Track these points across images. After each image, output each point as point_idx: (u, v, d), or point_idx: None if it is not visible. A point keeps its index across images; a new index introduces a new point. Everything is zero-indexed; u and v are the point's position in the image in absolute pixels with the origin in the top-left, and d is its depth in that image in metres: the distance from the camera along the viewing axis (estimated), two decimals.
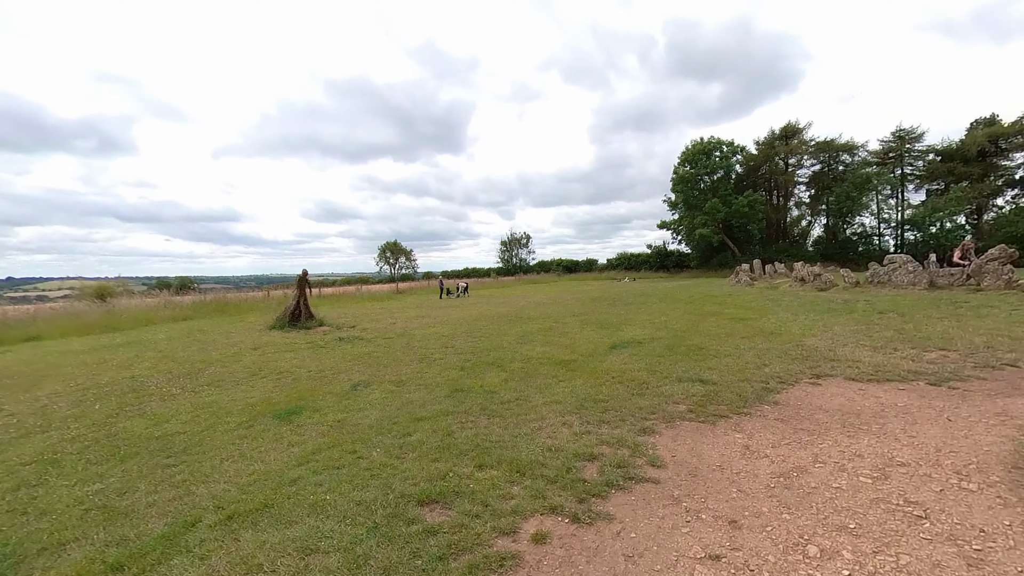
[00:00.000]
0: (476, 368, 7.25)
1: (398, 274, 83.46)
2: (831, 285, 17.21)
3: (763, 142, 48.63)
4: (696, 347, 7.71)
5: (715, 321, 10.85)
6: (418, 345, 9.91)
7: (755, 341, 7.96)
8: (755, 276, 26.94)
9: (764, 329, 9.18)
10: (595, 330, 10.67)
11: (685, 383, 5.47)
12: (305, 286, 15.31)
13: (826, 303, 12.79)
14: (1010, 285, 12.31)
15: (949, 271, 13.76)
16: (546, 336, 10.14)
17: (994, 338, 7.11)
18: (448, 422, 4.74)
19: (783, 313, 11.31)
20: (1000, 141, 40.04)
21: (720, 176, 46.28)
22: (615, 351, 7.93)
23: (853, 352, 6.68)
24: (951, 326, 8.32)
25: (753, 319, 10.74)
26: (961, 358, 6.04)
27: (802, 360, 6.36)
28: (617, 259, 63.44)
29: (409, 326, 13.59)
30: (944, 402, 4.50)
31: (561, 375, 6.38)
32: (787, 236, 49.68)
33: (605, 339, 9.28)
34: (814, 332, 8.49)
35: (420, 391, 6.09)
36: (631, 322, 11.66)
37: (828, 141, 45.80)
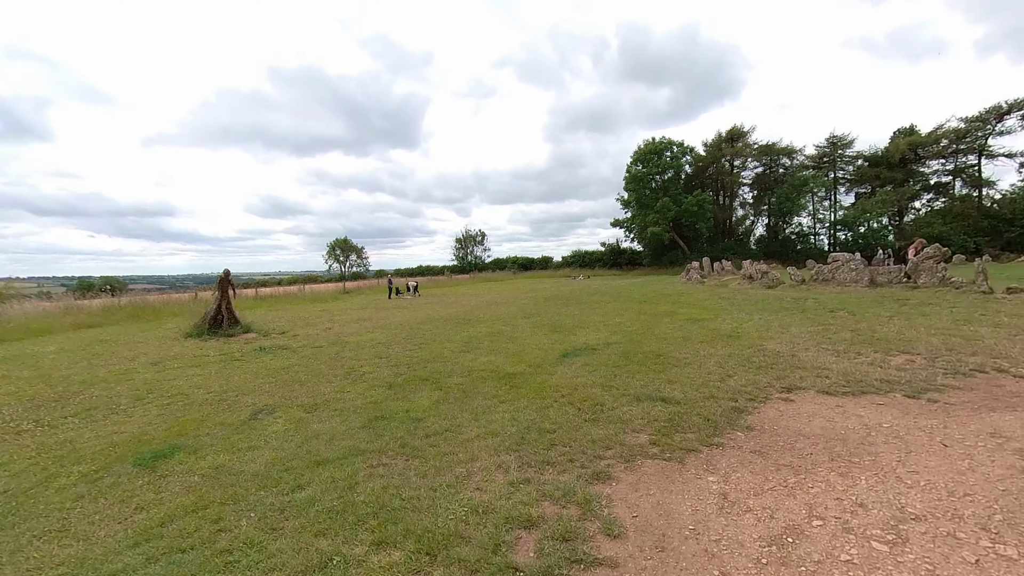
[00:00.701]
0: (407, 386, 6.20)
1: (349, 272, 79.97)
2: (778, 283, 17.44)
3: (711, 144, 50.15)
4: (654, 354, 7.03)
5: (671, 322, 10.34)
6: (348, 355, 8.70)
7: (715, 346, 7.40)
8: (705, 273, 27.34)
9: (721, 331, 8.70)
10: (547, 334, 9.86)
11: (645, 403, 4.70)
12: (228, 288, 13.52)
13: (777, 301, 12.70)
14: (944, 282, 12.71)
15: (888, 269, 14.12)
16: (493, 342, 9.21)
17: (949, 339, 6.91)
18: (355, 467, 3.70)
19: (738, 313, 11.00)
20: (919, 149, 43.30)
21: (671, 176, 47.21)
22: (567, 360, 7.11)
23: (817, 357, 6.21)
24: (903, 326, 8.16)
25: (709, 320, 10.32)
26: (927, 363, 5.67)
27: (767, 369, 5.78)
28: (572, 257, 63.72)
29: (346, 331, 12.25)
30: (930, 420, 3.96)
31: (504, 394, 5.45)
32: (733, 234, 51.60)
33: (557, 345, 8.47)
34: (772, 334, 8.08)
35: (333, 419, 4.99)
36: (585, 324, 10.95)
37: (770, 145, 47.87)
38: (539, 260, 68.94)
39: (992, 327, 7.76)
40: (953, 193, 43.71)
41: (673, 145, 46.38)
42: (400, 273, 79.01)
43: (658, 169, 46.12)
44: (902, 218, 44.54)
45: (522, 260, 69.08)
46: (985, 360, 5.64)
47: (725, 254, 40.07)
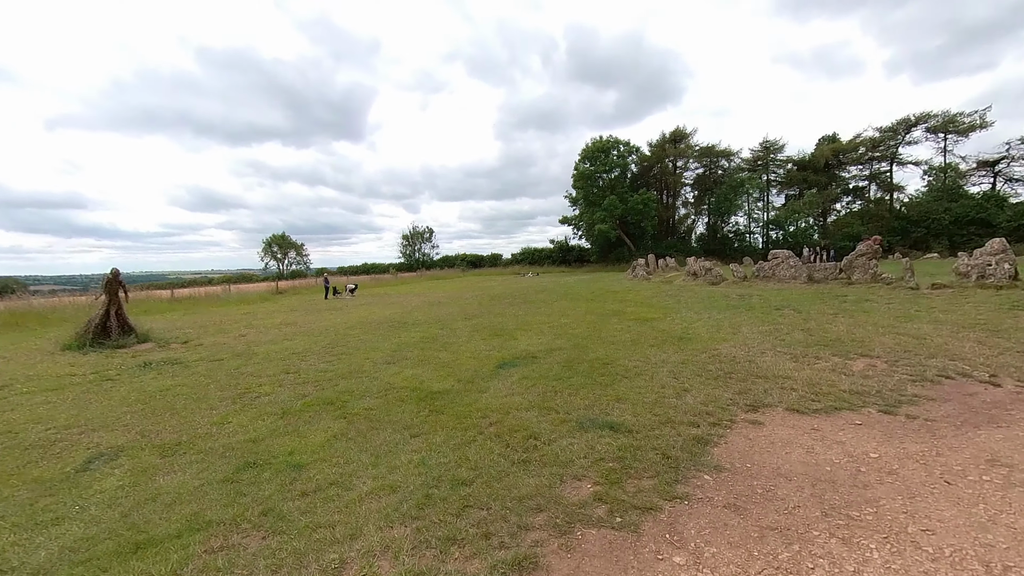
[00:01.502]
0: (305, 413, 4.97)
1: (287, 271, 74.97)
2: (722, 279, 17.51)
3: (655, 144, 51.32)
4: (601, 362, 6.20)
5: (619, 323, 9.66)
6: (250, 371, 7.25)
7: (666, 350, 6.70)
8: (650, 270, 27.51)
9: (672, 333, 8.08)
10: (485, 339, 8.85)
11: (590, 432, 3.78)
12: (117, 290, 11.37)
13: (723, 299, 12.46)
14: (875, 278, 13.04)
15: (825, 266, 14.37)
16: (424, 350, 8.08)
17: (899, 338, 6.63)
18: (187, 552, 2.53)
19: (686, 312, 10.54)
20: (840, 156, 46.57)
21: (617, 174, 47.74)
22: (503, 372, 6.13)
23: (776, 363, 5.63)
24: (850, 324, 7.91)
25: (658, 320, 9.74)
26: (889, 368, 5.22)
27: (726, 379, 5.09)
28: (521, 254, 63.21)
29: (261, 339, 10.61)
30: (918, 444, 3.34)
31: (420, 422, 4.37)
32: (675, 232, 53.20)
33: (495, 352, 7.48)
34: (724, 336, 7.54)
35: (190, 468, 3.72)
36: (528, 326, 10.05)
37: (710, 147, 49.71)
38: (489, 257, 67.90)
39: (932, 324, 7.65)
40: (869, 196, 47.46)
41: (620, 144, 46.89)
42: (344, 271, 75.39)
43: (605, 167, 46.45)
44: (826, 218, 47.74)
45: (471, 257, 67.73)
46: (945, 363, 5.27)
47: (669, 251, 41.01)
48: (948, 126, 40.79)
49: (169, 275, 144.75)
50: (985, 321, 7.73)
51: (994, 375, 4.82)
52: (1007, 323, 7.50)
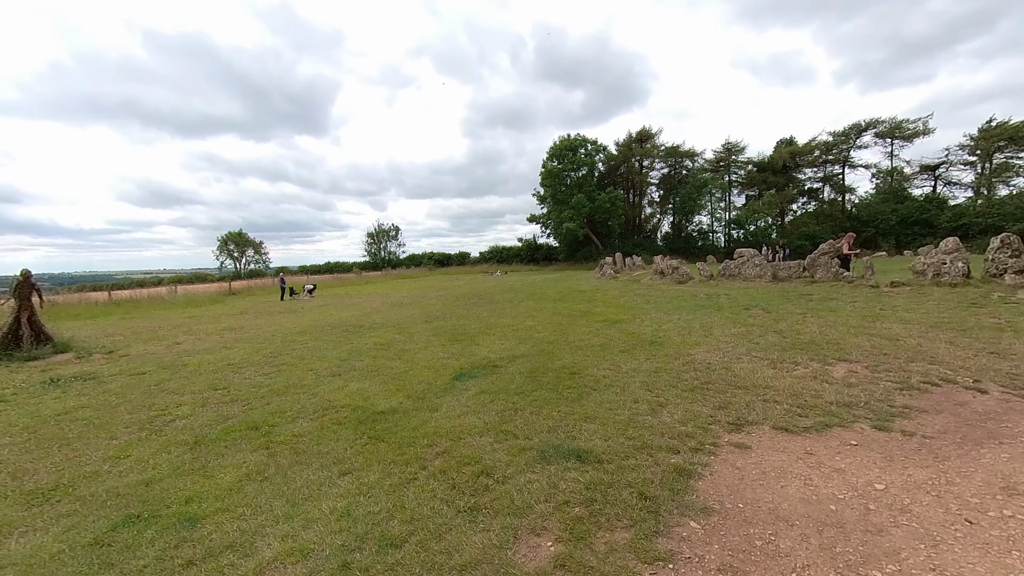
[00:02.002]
0: (222, 441, 4.18)
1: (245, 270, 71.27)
2: (688, 278, 17.45)
3: (622, 143, 51.71)
4: (568, 371, 5.65)
5: (587, 325, 9.18)
6: (173, 387, 6.32)
7: (637, 357, 6.22)
8: (618, 269, 27.44)
9: (642, 336, 7.65)
10: (444, 345, 8.17)
11: (553, 463, 3.19)
12: (30, 294, 9.97)
13: (691, 298, 12.24)
14: (837, 277, 13.16)
15: (788, 264, 14.45)
16: (376, 359, 7.33)
17: (873, 340, 6.41)
18: None
19: (656, 313, 10.19)
20: (797, 158, 48.29)
21: (585, 173, 47.80)
22: (460, 384, 5.48)
23: (754, 370, 5.23)
24: (821, 325, 7.71)
25: (627, 321, 9.32)
26: (871, 374, 4.90)
27: (703, 390, 4.63)
28: (490, 252, 62.50)
29: (197, 347, 9.54)
30: (923, 470, 2.93)
31: (353, 455, 3.67)
32: (642, 231, 53.86)
33: (452, 360, 6.82)
34: (696, 339, 7.15)
35: (56, 525, 2.95)
36: (491, 330, 9.43)
37: (674, 147, 50.52)
38: (456, 256, 66.82)
39: (901, 323, 7.54)
40: (823, 198, 49.47)
41: (587, 143, 46.93)
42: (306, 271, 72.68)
43: (573, 166, 46.39)
44: (783, 218, 49.42)
45: (439, 256, 66.47)
46: (926, 367, 5.00)
47: (636, 250, 41.34)
48: (894, 132, 42.96)
49: (116, 275, 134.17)
50: (950, 320, 7.68)
51: (977, 380, 4.57)
52: (970, 321, 7.46)
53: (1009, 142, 38.07)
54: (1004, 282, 10.99)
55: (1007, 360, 5.23)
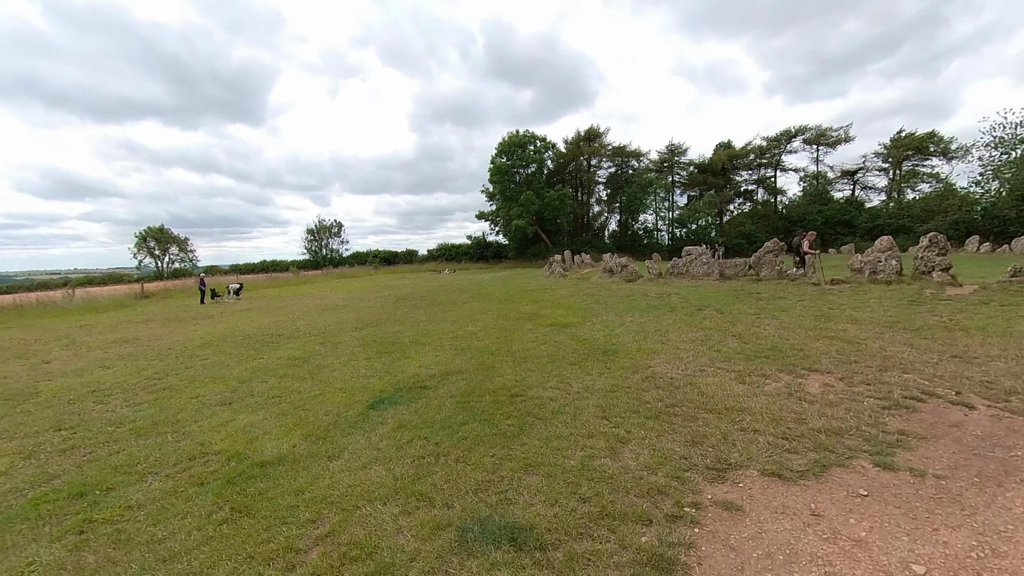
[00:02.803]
0: (20, 522, 2.88)
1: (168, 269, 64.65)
2: (637, 276, 17.15)
3: (571, 141, 51.81)
4: (508, 393, 4.70)
5: (533, 331, 8.31)
6: (2, 427, 4.75)
7: (590, 370, 5.39)
8: (567, 267, 27.04)
9: (595, 343, 6.86)
10: (370, 358, 7.00)
11: (478, 557, 2.22)
12: None
13: (642, 297, 11.74)
14: (781, 275, 13.21)
15: (735, 262, 14.42)
16: (284, 380, 6.05)
17: (834, 344, 5.98)
18: None
19: (607, 315, 9.50)
20: (734, 161, 50.56)
21: (534, 170, 47.37)
22: (375, 416, 4.38)
23: (721, 386, 4.54)
24: (777, 327, 7.29)
25: (577, 325, 8.55)
26: (847, 387, 4.34)
27: (670, 416, 3.84)
28: (438, 250, 60.74)
29: (67, 367, 7.75)
30: (959, 536, 2.24)
31: (199, 543, 2.50)
32: (590, 229, 54.33)
33: (374, 380, 5.69)
34: (653, 345, 6.46)
35: None
36: (428, 338, 8.34)
37: (621, 147, 51.28)
38: (404, 254, 64.36)
39: (853, 324, 7.28)
40: (757, 199, 52.16)
41: (536, 139, 46.47)
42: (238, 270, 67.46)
43: (522, 162, 45.78)
44: (722, 218, 51.62)
45: (385, 254, 63.69)
46: (900, 377, 4.53)
47: (584, 247, 41.42)
48: (820, 139, 45.97)
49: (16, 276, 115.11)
50: (898, 319, 7.53)
51: (959, 392, 4.12)
52: (918, 320, 7.33)
53: (915, 151, 41.79)
54: (933, 279, 11.36)
55: (973, 365, 4.89)
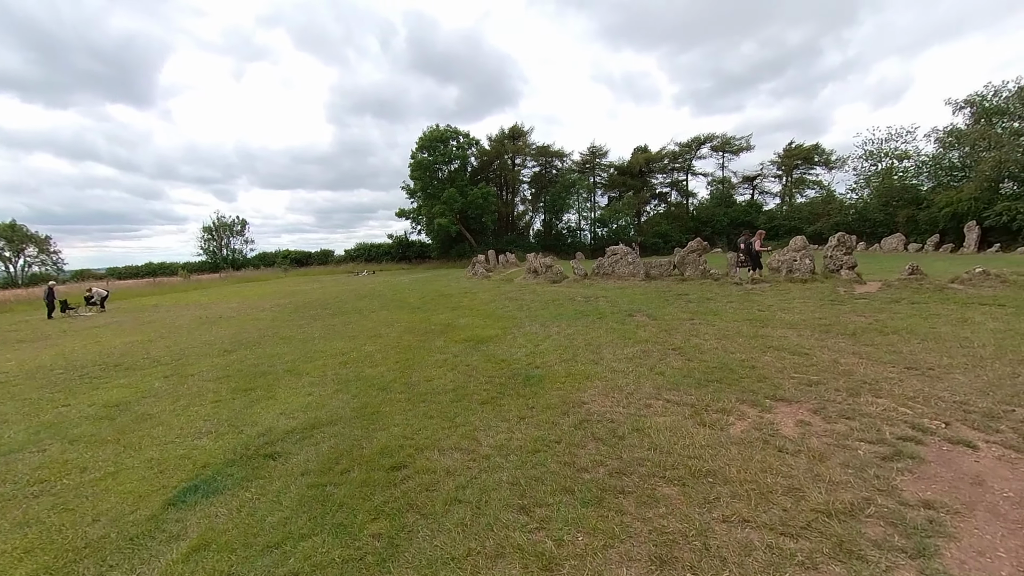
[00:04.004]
0: None
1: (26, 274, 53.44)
2: (562, 277, 16.35)
3: (495, 139, 50.75)
4: (389, 463, 3.22)
5: (444, 349, 6.86)
6: None
7: (506, 414, 4.07)
8: (491, 267, 25.85)
9: (515, 366, 5.57)
10: (220, 402, 5.14)
11: None
12: None
13: (569, 302, 10.75)
14: (705, 275, 13.01)
15: (659, 262, 14.06)
16: (75, 445, 4.06)
17: (783, 356, 5.25)
18: None
19: (531, 324, 8.30)
20: (650, 164, 52.73)
21: (457, 167, 45.62)
22: (169, 522, 2.69)
23: (676, 430, 3.44)
24: (716, 336, 6.54)
25: (496, 339, 7.23)
26: (828, 426, 3.44)
27: (617, 498, 2.61)
28: (357, 250, 56.67)
29: None
30: None
31: None
32: (515, 228, 53.72)
33: (205, 445, 3.91)
34: (585, 367, 5.31)
35: None
36: (310, 364, 6.57)
37: (545, 147, 51.21)
38: (318, 254, 59.27)
39: (790, 328, 6.75)
40: (671, 201, 54.94)
41: (459, 135, 44.75)
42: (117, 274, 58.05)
43: (444, 158, 43.83)
44: (640, 218, 53.65)
45: (296, 255, 58.19)
46: (876, 405, 3.74)
47: (509, 247, 40.61)
48: (725, 146, 49.43)
49: None
50: (829, 322, 7.16)
51: (947, 423, 3.38)
52: (848, 323, 6.99)
53: (803, 161, 46.41)
54: (842, 276, 11.66)
55: (935, 380, 4.30)
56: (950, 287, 9.96)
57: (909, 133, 37.16)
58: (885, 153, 38.42)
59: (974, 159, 31.22)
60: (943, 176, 34.02)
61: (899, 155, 37.56)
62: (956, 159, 33.43)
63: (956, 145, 33.05)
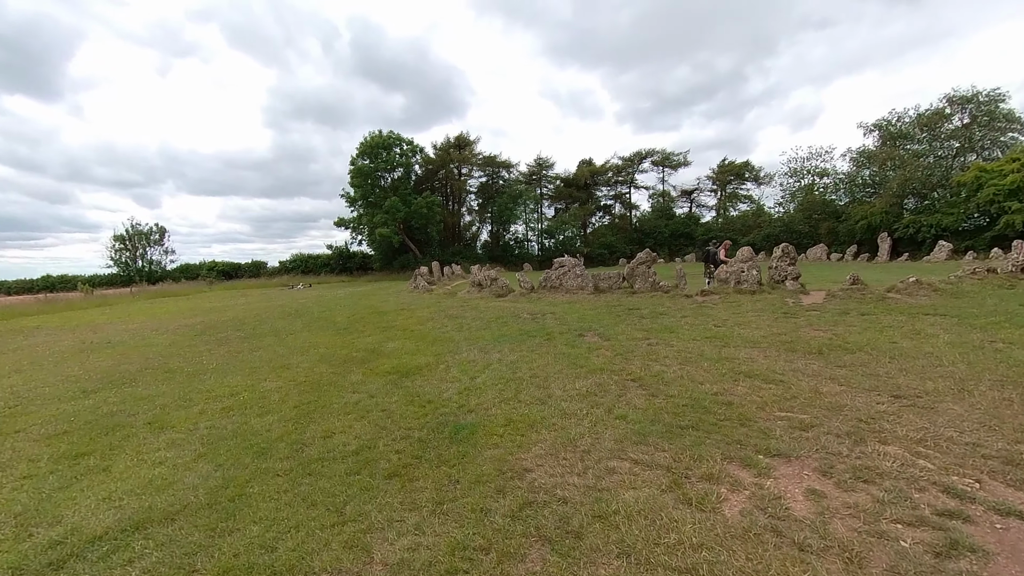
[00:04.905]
0: None
1: None
2: (508, 291, 15.41)
3: (440, 147, 49.48)
4: None
5: (360, 386, 5.60)
6: None
7: (417, 496, 2.92)
8: (434, 280, 24.50)
9: (441, 410, 4.44)
10: (29, 479, 3.65)
11: None
12: None
13: (514, 319, 9.76)
14: (655, 287, 12.55)
15: (608, 275, 13.48)
16: None
17: (759, 388, 4.53)
18: None
19: (468, 350, 7.19)
20: (596, 177, 53.67)
21: (400, 175, 43.81)
22: None
23: (653, 513, 2.47)
24: (679, 360, 5.79)
25: (425, 371, 6.06)
26: (846, 495, 2.61)
27: None
28: (293, 262, 52.89)
29: None
30: None
31: None
32: (461, 239, 52.52)
33: None
34: (530, 410, 4.28)
35: None
36: (182, 411, 5.07)
37: (492, 157, 50.65)
38: (249, 266, 54.71)
39: (756, 349, 6.15)
40: (615, 213, 56.12)
41: (402, 142, 43.03)
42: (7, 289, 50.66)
43: (387, 166, 41.92)
44: (586, 230, 54.29)
45: (224, 266, 53.35)
46: (885, 454, 3.00)
47: (456, 258, 39.37)
48: (665, 161, 51.30)
49: None
50: (789, 339, 6.67)
51: (976, 481, 2.68)
52: (811, 340, 6.52)
53: (736, 177, 49.07)
54: (787, 287, 11.58)
55: (933, 414, 3.70)
56: (889, 296, 10.02)
57: (827, 153, 40.23)
58: (807, 171, 41.34)
59: (883, 177, 34.16)
60: (857, 192, 36.94)
61: (819, 172, 40.53)
62: (868, 177, 36.42)
63: (867, 164, 36.10)
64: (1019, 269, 12.20)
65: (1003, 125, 30.18)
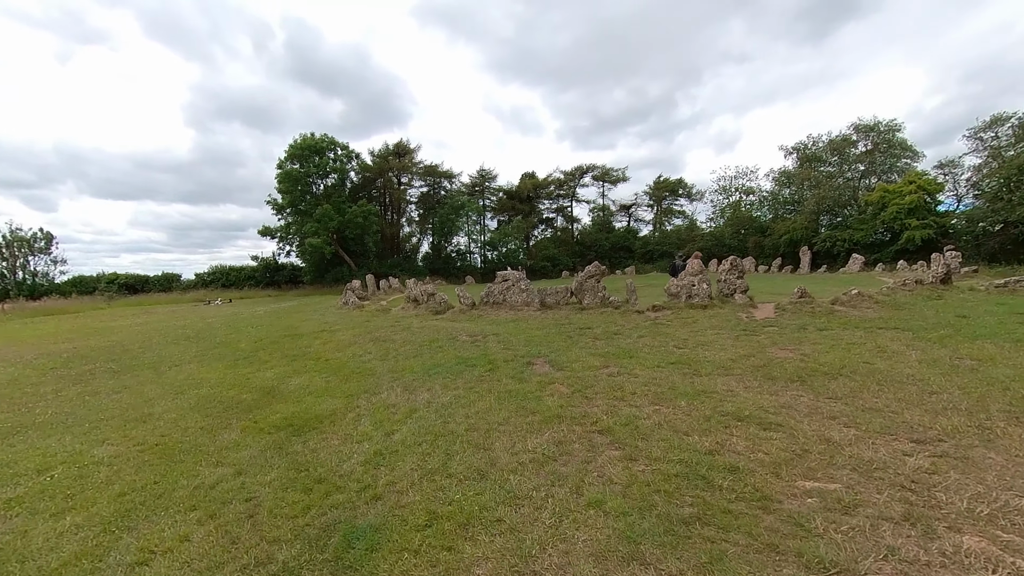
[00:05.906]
0: None
1: None
2: (447, 307, 14.04)
3: (378, 154, 47.17)
4: None
5: (230, 453, 4.04)
6: None
7: None
8: (366, 295, 22.52)
9: (334, 498, 3.06)
10: None
11: None
12: None
13: (451, 343, 8.43)
14: (605, 302, 11.77)
15: (556, 290, 12.56)
16: None
17: (758, 438, 3.60)
18: None
19: (391, 388, 5.79)
20: (538, 190, 53.73)
21: (335, 182, 41.00)
22: None
23: None
24: (647, 396, 4.80)
25: (329, 422, 4.60)
26: None
27: None
28: (211, 274, 47.61)
29: None
30: None
31: None
32: (400, 251, 50.20)
33: None
34: (461, 487, 3.03)
35: None
36: None
37: (433, 166, 49.12)
38: (159, 279, 48.51)
39: (731, 378, 5.33)
40: (557, 226, 56.44)
41: (337, 147, 40.31)
42: None
43: (319, 171, 38.99)
44: (529, 242, 54.02)
45: (128, 279, 46.90)
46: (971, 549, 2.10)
47: (394, 270, 37.28)
48: (605, 176, 52.42)
49: None
50: (760, 361, 5.96)
51: None
52: (786, 364, 5.83)
53: (670, 193, 51.10)
54: (736, 301, 11.24)
55: (978, 469, 2.91)
56: (837, 309, 9.86)
57: (752, 172, 42.88)
58: (735, 188, 43.80)
59: (801, 196, 36.76)
60: (780, 209, 39.48)
61: (745, 190, 43.08)
62: (788, 195, 39.09)
63: (787, 183, 38.78)
64: (939, 280, 12.79)
65: (898, 152, 33.54)
